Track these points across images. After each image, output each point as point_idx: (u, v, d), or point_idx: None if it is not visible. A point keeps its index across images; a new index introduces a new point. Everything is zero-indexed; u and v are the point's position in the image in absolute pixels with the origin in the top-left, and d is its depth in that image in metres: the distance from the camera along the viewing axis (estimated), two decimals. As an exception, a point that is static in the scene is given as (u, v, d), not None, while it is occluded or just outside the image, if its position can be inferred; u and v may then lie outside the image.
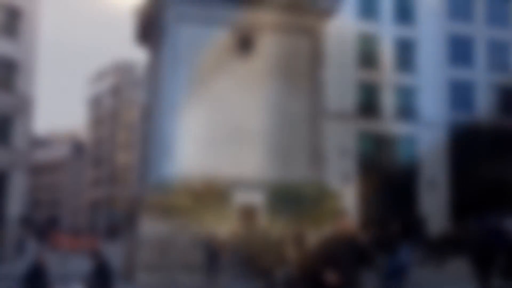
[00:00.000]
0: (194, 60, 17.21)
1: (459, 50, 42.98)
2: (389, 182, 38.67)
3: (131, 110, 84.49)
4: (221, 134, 17.18)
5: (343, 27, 38.48)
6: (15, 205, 33.64)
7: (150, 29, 20.02)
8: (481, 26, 43.35)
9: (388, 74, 39.93)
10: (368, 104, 40.01)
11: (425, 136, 40.29)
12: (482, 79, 42.73)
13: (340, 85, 38.53)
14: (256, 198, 16.78)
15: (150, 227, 16.07)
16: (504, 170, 41.69)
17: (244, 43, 17.71)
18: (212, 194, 16.71)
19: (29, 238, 43.80)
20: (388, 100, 39.80)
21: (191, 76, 17.12)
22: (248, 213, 16.81)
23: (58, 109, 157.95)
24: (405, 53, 41.35)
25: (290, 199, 17.20)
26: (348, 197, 31.79)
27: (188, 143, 16.97)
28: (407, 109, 40.75)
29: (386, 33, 40.56)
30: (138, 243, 16.30)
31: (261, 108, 17.54)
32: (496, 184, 41.31)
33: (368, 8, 41.07)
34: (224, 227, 16.11)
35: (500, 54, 44.16)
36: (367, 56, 40.52)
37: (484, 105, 42.38)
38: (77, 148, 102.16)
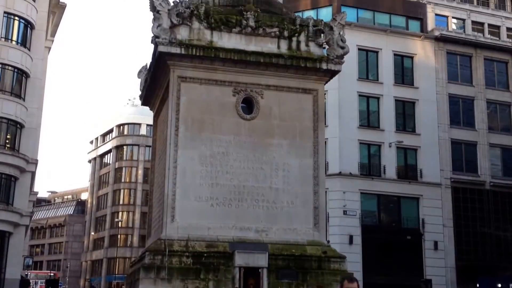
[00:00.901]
0: (197, 120, 17.36)
1: (460, 111, 43.34)
2: (393, 243, 38.21)
3: (134, 171, 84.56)
4: (223, 194, 17.12)
5: (345, 87, 39.01)
6: (15, 266, 33.21)
7: (154, 89, 20.31)
8: (481, 87, 43.89)
9: (390, 134, 40.13)
10: (371, 164, 40.04)
11: (429, 197, 40.09)
12: (484, 139, 42.87)
13: (342, 145, 38.68)
14: (258, 260, 16.56)
15: (150, 289, 15.79)
16: (509, 230, 41.25)
17: (247, 103, 17.91)
18: (213, 255, 16.49)
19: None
20: (390, 160, 39.82)
21: (194, 136, 17.22)
22: (250, 275, 16.54)
23: (62, 169, 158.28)
24: (406, 114, 41.72)
25: (292, 261, 16.98)
26: (352, 259, 31.36)
27: (190, 203, 16.88)
28: (410, 169, 40.74)
29: (387, 93, 41.05)
30: (138, 306, 15.98)
31: (264, 168, 17.55)
32: (502, 245, 40.78)
33: (369, 69, 41.74)
34: (226, 289, 15.84)
35: (501, 115, 44.49)
36: (369, 116, 40.89)
37: (486, 165, 42.36)
38: (79, 208, 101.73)
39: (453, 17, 46.27)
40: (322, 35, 18.73)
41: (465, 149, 42.57)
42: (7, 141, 34.48)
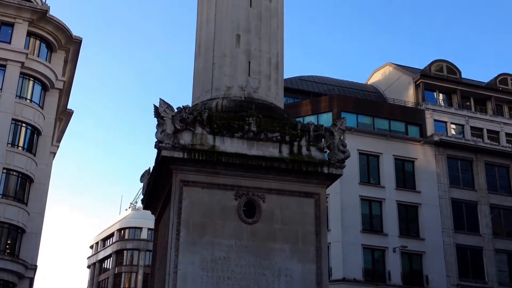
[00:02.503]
0: (199, 224, 17.28)
1: (464, 216, 43.17)
2: None
3: (133, 276, 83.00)
4: (225, 300, 16.71)
5: (346, 191, 39.09)
6: None
7: (156, 193, 20.36)
8: (484, 192, 43.97)
9: (393, 239, 39.73)
10: (375, 269, 39.31)
11: (436, 303, 39.05)
12: (489, 245, 42.37)
13: (345, 249, 38.16)
14: None
15: None
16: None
17: (248, 207, 17.88)
18: None
19: None
20: (395, 265, 39.16)
21: (195, 240, 17.07)
22: None
23: (61, 275, 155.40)
24: (410, 218, 41.53)
25: None
26: None
27: (190, 310, 16.45)
28: (415, 275, 39.95)
29: (389, 197, 41.09)
30: None
31: (266, 273, 17.24)
32: None
33: (371, 173, 42.05)
34: None
35: (506, 220, 44.25)
36: (372, 220, 40.69)
37: (493, 272, 41.62)
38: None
39: (451, 123, 47.16)
40: (323, 139, 19.00)
41: (471, 255, 41.92)
42: (7, 246, 34.15)
